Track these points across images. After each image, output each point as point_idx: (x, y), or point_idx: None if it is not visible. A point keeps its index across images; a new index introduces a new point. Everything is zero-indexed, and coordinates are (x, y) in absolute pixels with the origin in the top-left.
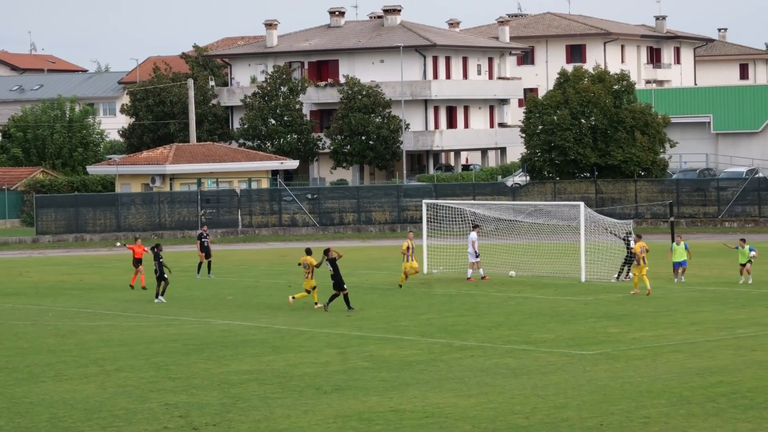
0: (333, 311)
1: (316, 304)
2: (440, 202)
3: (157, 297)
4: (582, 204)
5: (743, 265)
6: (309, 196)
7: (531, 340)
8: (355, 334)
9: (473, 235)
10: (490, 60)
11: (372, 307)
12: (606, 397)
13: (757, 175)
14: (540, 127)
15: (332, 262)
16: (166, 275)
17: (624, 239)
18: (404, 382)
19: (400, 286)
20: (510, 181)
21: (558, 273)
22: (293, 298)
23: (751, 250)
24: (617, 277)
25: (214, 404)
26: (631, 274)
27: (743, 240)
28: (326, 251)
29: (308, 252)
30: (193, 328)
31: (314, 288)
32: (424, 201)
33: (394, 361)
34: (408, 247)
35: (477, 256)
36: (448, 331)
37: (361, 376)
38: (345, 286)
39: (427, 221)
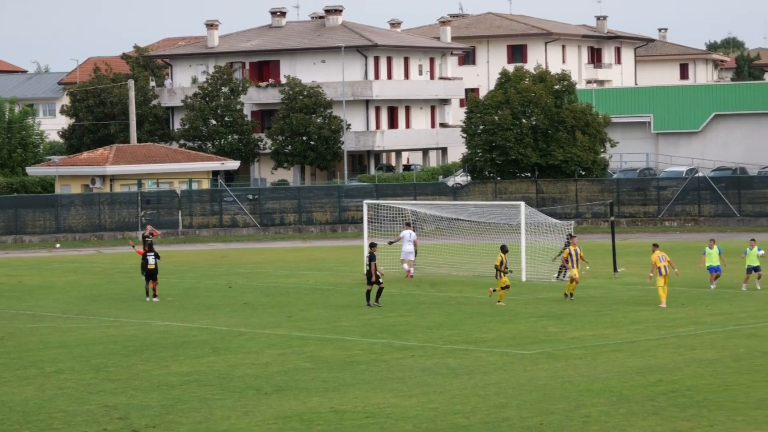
0: (272, 312)
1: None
2: (381, 202)
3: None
4: (522, 204)
5: (754, 270)
6: (250, 196)
7: (472, 339)
8: (296, 335)
9: (410, 233)
10: (432, 60)
11: (313, 307)
12: (546, 397)
13: (696, 175)
14: (481, 127)
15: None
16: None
17: (567, 239)
18: (345, 382)
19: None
20: (451, 181)
21: None
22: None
23: (758, 250)
24: (557, 277)
25: (153, 406)
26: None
27: (713, 240)
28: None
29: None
30: (133, 330)
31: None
32: (365, 201)
33: (335, 362)
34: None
35: (416, 254)
36: (389, 331)
37: (301, 377)
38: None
39: (368, 221)
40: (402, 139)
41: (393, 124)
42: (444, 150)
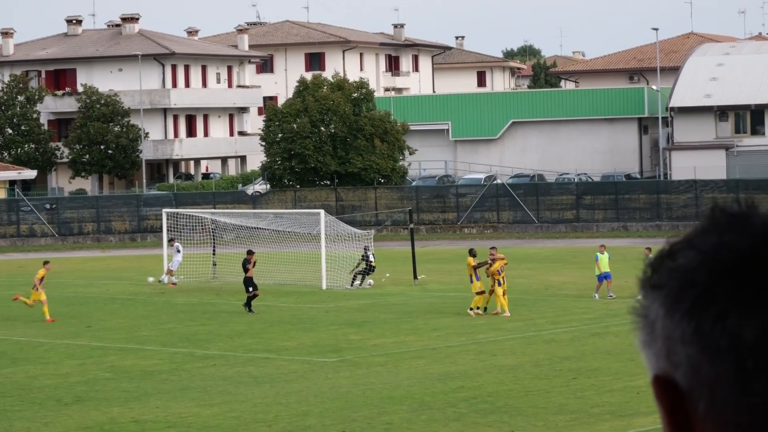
0: (71, 322)
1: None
2: (181, 210)
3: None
4: (322, 212)
5: (605, 277)
6: (47, 206)
7: (273, 348)
8: (96, 345)
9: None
10: (230, 68)
11: (113, 317)
12: (348, 404)
13: (495, 182)
14: (280, 135)
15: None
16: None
17: (364, 252)
18: (146, 392)
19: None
20: (250, 190)
21: (299, 281)
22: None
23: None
24: (352, 285)
25: None
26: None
27: (603, 246)
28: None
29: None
30: None
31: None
32: (164, 210)
33: (136, 372)
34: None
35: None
36: (189, 340)
37: (102, 387)
38: None
39: (168, 230)
40: (201, 148)
41: (191, 132)
42: (243, 158)
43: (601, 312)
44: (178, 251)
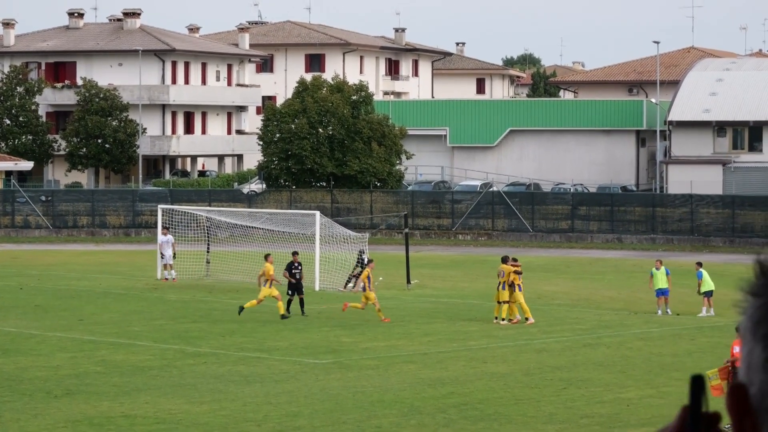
0: (64, 315)
1: None
2: (176, 207)
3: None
4: (318, 213)
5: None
6: (43, 198)
7: (264, 347)
8: (88, 339)
9: (166, 237)
10: (230, 66)
11: (105, 311)
12: (338, 406)
13: (491, 189)
14: (277, 135)
15: None
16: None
17: (359, 254)
18: (136, 387)
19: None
20: (246, 189)
21: None
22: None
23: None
24: (346, 287)
25: None
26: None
27: (660, 260)
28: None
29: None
30: None
31: None
32: (159, 206)
33: (126, 367)
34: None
35: (163, 258)
36: (181, 337)
37: (92, 381)
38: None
39: (163, 226)
40: (198, 145)
41: (189, 129)
42: (240, 157)
43: (594, 323)
44: (171, 244)
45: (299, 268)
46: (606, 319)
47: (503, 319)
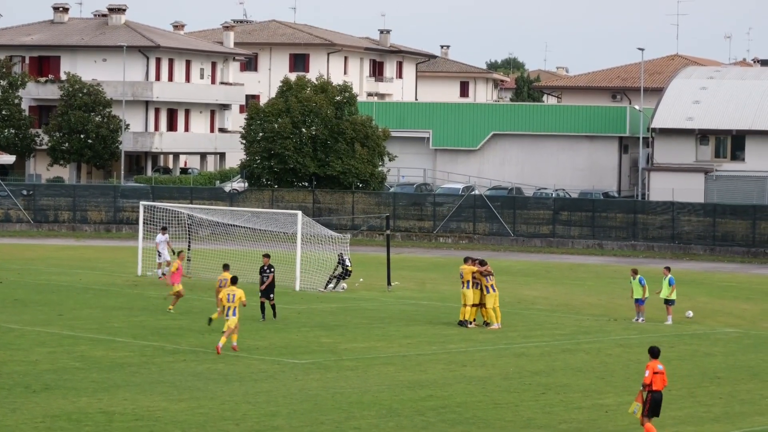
0: (43, 310)
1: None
2: (158, 204)
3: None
4: (300, 213)
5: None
6: (24, 192)
7: (244, 346)
8: (67, 334)
9: (165, 236)
10: (214, 64)
11: (84, 307)
12: (317, 407)
13: (473, 193)
14: (260, 134)
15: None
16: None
17: (339, 257)
18: (115, 383)
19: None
20: (228, 187)
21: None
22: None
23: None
24: (326, 287)
25: None
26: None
27: (635, 270)
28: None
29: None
30: None
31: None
32: (141, 202)
33: (105, 363)
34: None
35: (160, 256)
36: (161, 334)
37: (71, 376)
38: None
39: (144, 223)
40: (180, 142)
41: (172, 126)
42: (222, 155)
43: (573, 328)
44: (166, 243)
45: (269, 271)
46: (585, 325)
47: (471, 322)
